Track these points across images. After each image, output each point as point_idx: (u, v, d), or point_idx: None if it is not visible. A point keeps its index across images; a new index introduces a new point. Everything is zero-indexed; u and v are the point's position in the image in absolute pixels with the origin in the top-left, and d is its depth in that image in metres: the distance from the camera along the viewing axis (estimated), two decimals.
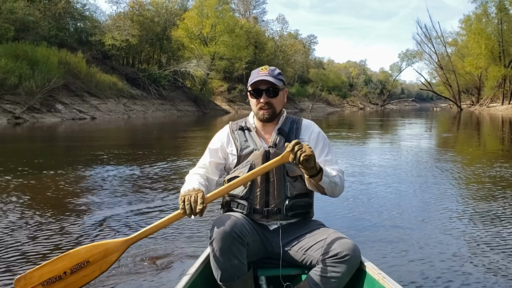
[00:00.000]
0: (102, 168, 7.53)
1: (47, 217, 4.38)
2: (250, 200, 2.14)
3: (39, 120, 22.43)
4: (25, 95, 22.89)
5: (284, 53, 72.51)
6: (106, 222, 4.25)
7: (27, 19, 30.60)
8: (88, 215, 4.51)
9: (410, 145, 12.36)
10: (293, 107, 65.56)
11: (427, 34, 59.07)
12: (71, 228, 4.05)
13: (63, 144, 13.00)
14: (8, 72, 23.05)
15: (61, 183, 6.10)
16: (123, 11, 41.26)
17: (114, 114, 29.03)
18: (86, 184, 6.19)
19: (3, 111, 21.49)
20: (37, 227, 4.03)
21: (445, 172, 7.34)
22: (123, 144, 12.93)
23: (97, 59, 35.28)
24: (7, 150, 10.48)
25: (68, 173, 6.99)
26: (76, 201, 5.12)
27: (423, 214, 4.61)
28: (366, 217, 4.49)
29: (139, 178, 6.62)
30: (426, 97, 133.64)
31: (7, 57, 24.05)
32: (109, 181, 6.35)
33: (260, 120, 2.24)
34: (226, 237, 1.87)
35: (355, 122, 29.81)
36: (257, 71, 2.21)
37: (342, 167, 2.13)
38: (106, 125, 22.10)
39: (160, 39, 42.55)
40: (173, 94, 40.41)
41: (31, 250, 3.43)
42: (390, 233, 3.92)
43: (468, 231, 3.97)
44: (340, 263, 1.90)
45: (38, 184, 6.08)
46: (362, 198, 5.37)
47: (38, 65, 25.18)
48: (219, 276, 1.92)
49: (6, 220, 4.27)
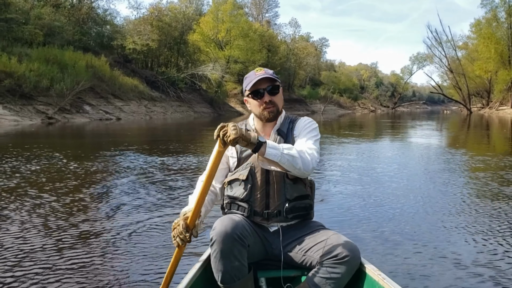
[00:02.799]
0: (136, 159, 8.88)
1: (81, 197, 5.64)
2: (251, 202, 2.15)
3: (69, 120, 23.97)
4: (56, 97, 24.47)
5: (296, 56, 73.46)
6: (128, 204, 5.06)
7: (53, 25, 32.32)
8: (117, 198, 5.38)
9: (419, 145, 13.13)
10: (305, 109, 66.39)
11: (437, 38, 59.61)
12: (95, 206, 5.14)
13: (99, 140, 14.28)
14: (41, 75, 24.66)
15: (94, 169, 7.47)
16: (143, 17, 42.86)
17: (137, 115, 30.59)
18: (119, 169, 7.51)
19: (37, 112, 23.08)
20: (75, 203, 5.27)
21: (453, 172, 7.58)
22: (161, 140, 14.20)
23: (119, 62, 36.86)
24: (43, 145, 11.82)
25: (106, 161, 8.36)
26: (107, 184, 6.30)
27: (428, 215, 4.61)
28: (368, 217, 4.53)
29: (166, 169, 7.90)
30: (438, 99, 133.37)
31: (39, 61, 25.74)
32: (144, 169, 7.67)
33: (265, 120, 2.22)
34: (226, 238, 1.88)
35: (366, 124, 30.67)
36: (253, 73, 2.20)
37: (316, 148, 2.12)
38: (133, 125, 23.48)
39: (178, 43, 44.12)
40: (190, 96, 41.90)
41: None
42: (391, 234, 3.94)
43: (473, 234, 3.94)
44: (340, 264, 1.91)
45: (76, 169, 7.47)
46: (366, 198, 5.47)
47: (67, 68, 26.82)
48: (220, 278, 1.94)
49: (43, 196, 5.49)
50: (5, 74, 22.88)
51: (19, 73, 23.43)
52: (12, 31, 28.04)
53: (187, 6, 50.05)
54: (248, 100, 2.26)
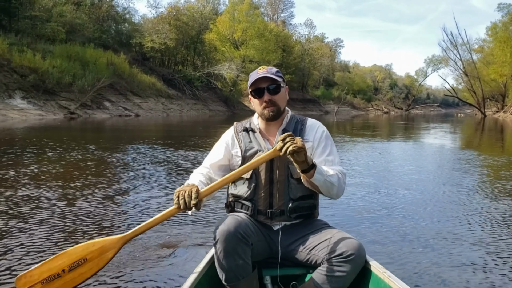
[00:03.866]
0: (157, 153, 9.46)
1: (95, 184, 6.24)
2: (254, 201, 2.16)
3: (90, 116, 24.77)
4: (78, 93, 25.31)
5: (310, 57, 73.72)
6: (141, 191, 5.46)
7: (75, 22, 33.26)
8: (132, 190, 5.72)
9: (431, 147, 13.46)
10: (318, 109, 66.66)
11: (452, 41, 59.38)
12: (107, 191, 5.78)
13: (131, 134, 14.86)
14: (63, 72, 25.55)
15: (113, 160, 8.07)
16: (161, 15, 43.69)
17: (154, 112, 31.37)
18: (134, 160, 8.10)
19: (59, 107, 23.91)
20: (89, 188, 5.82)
21: (465, 173, 7.68)
22: (184, 136, 14.76)
23: (137, 60, 37.70)
24: (74, 138, 12.47)
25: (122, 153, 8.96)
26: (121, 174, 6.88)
27: (437, 215, 4.58)
28: (376, 215, 4.53)
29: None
30: (452, 102, 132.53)
31: (61, 57, 26.63)
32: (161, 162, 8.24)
33: (265, 119, 2.22)
34: (230, 237, 1.89)
35: (379, 125, 30.90)
36: (255, 72, 2.20)
37: (344, 169, 2.14)
38: (153, 122, 24.21)
39: (195, 42, 44.88)
40: (205, 95, 42.65)
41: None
42: (397, 233, 3.93)
43: (483, 236, 3.90)
44: (345, 262, 1.91)
45: (95, 160, 8.08)
46: (374, 196, 5.51)
47: (89, 65, 27.68)
48: (224, 277, 1.95)
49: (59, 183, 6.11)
50: (29, 69, 23.79)
51: (43, 69, 24.35)
52: (36, 28, 29.01)
53: (204, 6, 50.79)
54: (251, 98, 2.26)
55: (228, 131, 2.36)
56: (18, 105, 21.68)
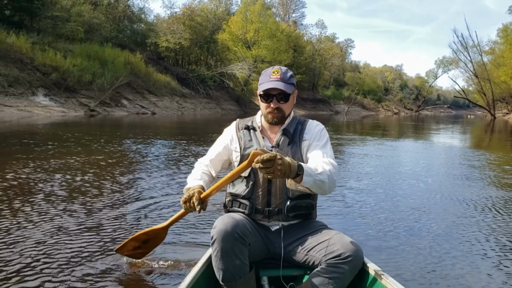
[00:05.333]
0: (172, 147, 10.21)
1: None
2: (252, 199, 2.17)
3: (109, 113, 25.62)
4: (97, 91, 26.22)
5: (321, 57, 74.19)
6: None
7: (92, 22, 34.23)
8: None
9: (439, 147, 13.90)
10: (328, 109, 67.17)
11: (463, 43, 59.45)
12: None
13: (141, 130, 15.57)
14: (83, 70, 26.48)
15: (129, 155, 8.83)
16: (175, 15, 44.60)
17: (170, 110, 32.23)
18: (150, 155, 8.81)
19: (80, 104, 24.82)
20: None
21: (471, 172, 7.80)
22: (201, 133, 15.52)
23: (152, 59, 38.59)
24: (93, 132, 13.28)
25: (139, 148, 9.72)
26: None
27: (440, 217, 4.55)
28: (375, 217, 4.48)
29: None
30: (463, 104, 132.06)
31: (81, 56, 27.58)
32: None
33: (268, 123, 2.26)
34: (227, 237, 1.90)
35: (389, 125, 31.35)
36: (269, 74, 2.20)
37: (335, 163, 2.13)
38: (170, 119, 24.88)
39: (208, 42, 45.76)
40: (218, 94, 43.50)
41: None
42: (397, 235, 3.91)
43: (488, 240, 3.85)
44: (343, 263, 1.91)
45: (114, 154, 8.85)
46: (377, 196, 5.50)
47: (107, 64, 28.63)
48: (221, 276, 1.95)
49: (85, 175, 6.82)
50: (52, 68, 24.74)
51: (64, 67, 25.27)
52: (56, 28, 30.00)
53: (218, 6, 51.68)
54: (259, 97, 2.29)
55: (230, 127, 2.40)
56: (41, 102, 22.59)
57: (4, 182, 5.39)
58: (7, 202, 4.43)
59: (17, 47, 24.05)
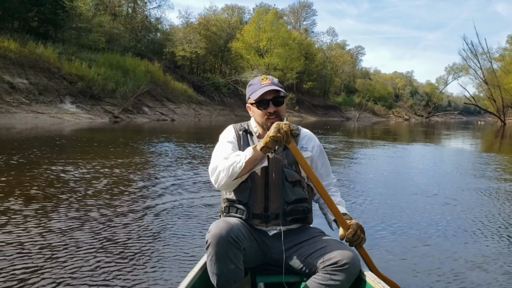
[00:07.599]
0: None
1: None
2: (250, 205, 2.15)
3: (132, 120, 26.83)
4: (120, 99, 27.54)
5: (332, 64, 75.09)
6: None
7: (112, 32, 35.72)
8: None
9: (449, 151, 14.51)
10: (339, 116, 67.86)
11: (472, 51, 59.83)
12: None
13: (166, 135, 16.57)
14: (107, 79, 27.87)
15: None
16: (191, 25, 46.05)
17: (187, 117, 33.47)
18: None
19: (104, 111, 26.12)
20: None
21: (480, 178, 7.71)
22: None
23: (169, 68, 40.00)
24: (112, 138, 14.43)
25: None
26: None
27: (442, 226, 4.45)
28: (374, 225, 4.39)
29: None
30: (474, 110, 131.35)
31: (104, 65, 28.99)
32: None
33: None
34: (222, 241, 1.89)
35: (400, 131, 31.81)
36: (258, 82, 2.20)
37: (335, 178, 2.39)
38: (188, 125, 25.78)
39: (222, 50, 47.13)
40: (231, 101, 44.79)
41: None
42: (395, 242, 3.85)
43: (491, 248, 3.79)
44: (340, 271, 1.91)
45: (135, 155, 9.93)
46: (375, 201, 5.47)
47: (129, 73, 30.01)
48: (216, 281, 1.94)
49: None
50: (77, 77, 26.16)
51: (89, 76, 26.65)
52: (80, 38, 31.49)
53: (231, 16, 53.10)
54: (251, 108, 2.27)
55: (228, 129, 2.37)
56: (69, 109, 23.91)
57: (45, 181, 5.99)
58: (55, 199, 4.92)
59: (45, 57, 25.53)
